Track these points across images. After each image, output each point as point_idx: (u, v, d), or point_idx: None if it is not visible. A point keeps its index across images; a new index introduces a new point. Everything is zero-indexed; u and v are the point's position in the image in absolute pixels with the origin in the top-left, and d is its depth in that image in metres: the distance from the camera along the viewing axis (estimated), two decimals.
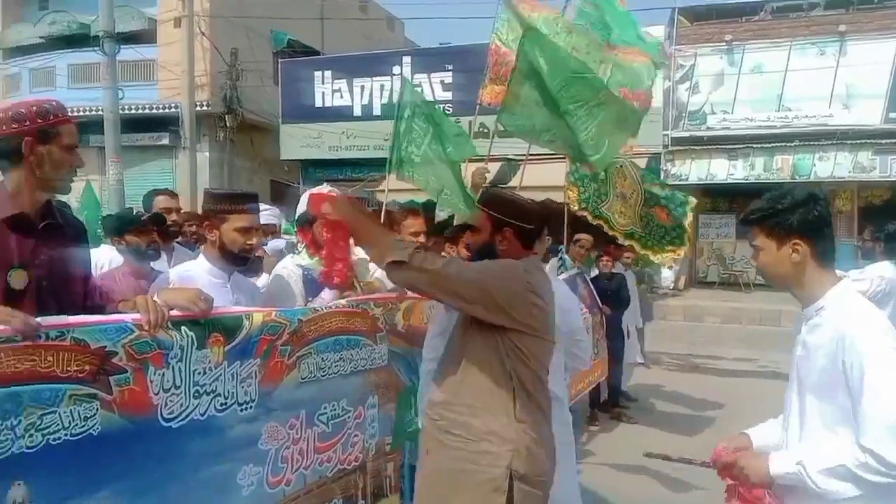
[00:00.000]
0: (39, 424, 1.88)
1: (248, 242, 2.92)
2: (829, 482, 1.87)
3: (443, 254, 4.49)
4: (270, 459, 2.58)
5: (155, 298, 2.21)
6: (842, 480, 1.85)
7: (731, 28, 15.48)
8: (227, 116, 18.14)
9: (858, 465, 1.82)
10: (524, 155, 7.70)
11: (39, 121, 2.17)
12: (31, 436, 1.86)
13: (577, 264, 6.55)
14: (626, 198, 6.07)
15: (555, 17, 5.42)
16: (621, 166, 6.12)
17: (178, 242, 4.75)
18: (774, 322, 13.38)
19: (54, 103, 2.25)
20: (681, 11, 15.87)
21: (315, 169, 18.42)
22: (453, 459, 2.46)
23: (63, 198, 2.70)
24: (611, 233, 6.21)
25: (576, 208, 6.24)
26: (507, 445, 2.39)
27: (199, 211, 3.88)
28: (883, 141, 13.79)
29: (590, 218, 6.21)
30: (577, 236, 6.72)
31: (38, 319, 1.89)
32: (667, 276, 14.86)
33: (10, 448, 1.82)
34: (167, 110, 17.90)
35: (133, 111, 16.43)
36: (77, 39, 18.34)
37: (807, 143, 14.27)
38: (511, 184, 13.56)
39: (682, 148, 15.17)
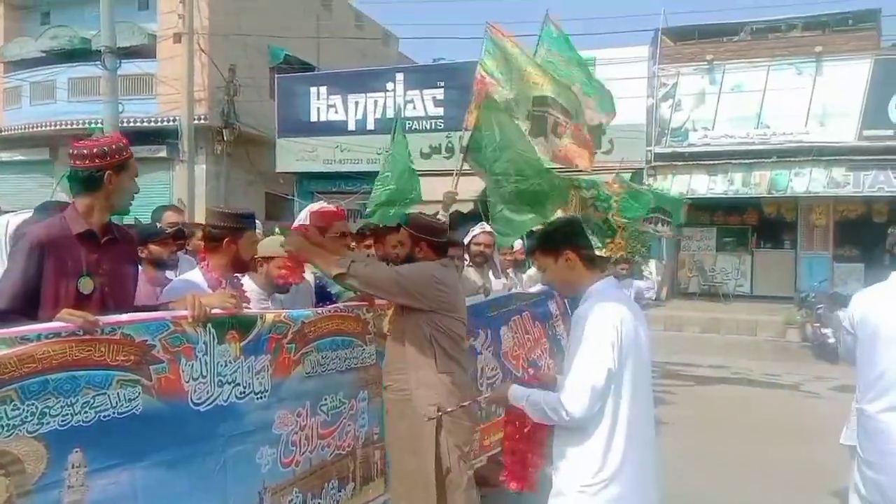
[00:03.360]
0: (93, 403, 2.31)
1: (255, 254, 3.42)
2: (534, 411, 2.63)
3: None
4: (282, 442, 3.04)
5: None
6: (540, 412, 2.60)
7: (713, 48, 16.03)
8: (224, 130, 18.59)
9: (552, 408, 2.54)
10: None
11: (117, 157, 2.68)
12: (85, 412, 2.29)
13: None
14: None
15: (528, 57, 5.91)
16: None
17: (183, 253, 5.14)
18: (751, 332, 13.90)
19: (125, 141, 2.76)
20: (664, 32, 16.41)
21: (309, 181, 18.87)
22: (399, 403, 3.52)
23: None
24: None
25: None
26: (433, 390, 3.46)
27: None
28: (856, 157, 14.30)
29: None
30: (474, 235, 6.91)
31: (97, 318, 2.35)
32: (647, 286, 15.31)
33: (69, 421, 2.25)
34: (166, 123, 18.33)
35: (132, 124, 16.85)
36: (78, 54, 18.76)
37: (784, 159, 14.79)
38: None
39: (664, 163, 15.69)
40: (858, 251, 15.90)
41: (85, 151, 2.65)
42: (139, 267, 3.10)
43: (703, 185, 15.34)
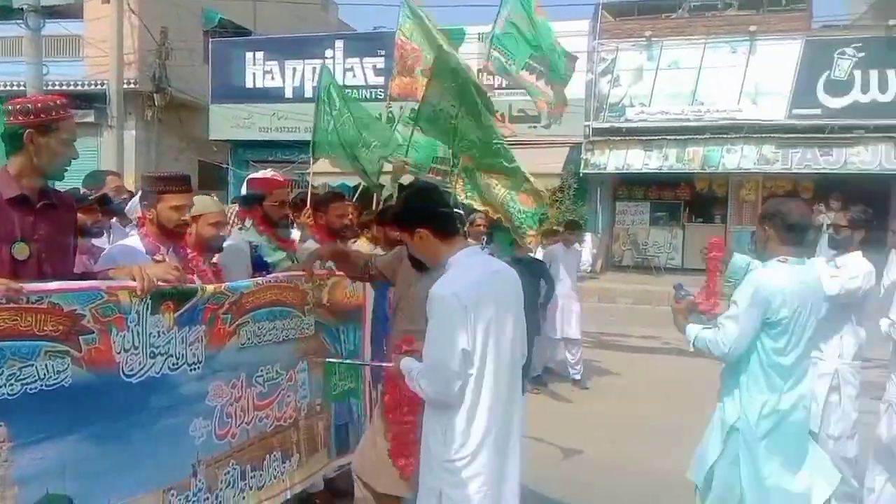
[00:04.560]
0: (19, 375, 2.21)
1: (183, 218, 3.23)
2: (411, 383, 2.66)
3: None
4: (217, 414, 2.98)
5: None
6: (414, 387, 2.65)
7: (651, 25, 16.27)
8: (155, 95, 17.99)
9: (416, 383, 2.61)
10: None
11: (43, 115, 2.54)
12: (11, 385, 2.19)
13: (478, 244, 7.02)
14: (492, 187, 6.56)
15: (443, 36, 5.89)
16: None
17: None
18: None
19: (59, 101, 2.61)
20: (604, 7, 16.56)
21: (245, 150, 18.46)
22: None
23: None
24: (495, 216, 6.58)
25: (462, 197, 6.67)
26: None
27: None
28: (785, 135, 14.82)
29: (477, 204, 6.62)
30: (471, 216, 7.00)
31: (21, 285, 2.24)
32: (585, 260, 15.61)
33: None
34: (93, 87, 17.61)
35: (58, 87, 16.10)
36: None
37: (716, 136, 15.20)
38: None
39: (601, 138, 15.92)
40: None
41: (10, 107, 2.53)
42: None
43: (639, 160, 15.65)
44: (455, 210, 4.01)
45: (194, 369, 2.84)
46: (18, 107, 2.53)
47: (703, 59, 15.37)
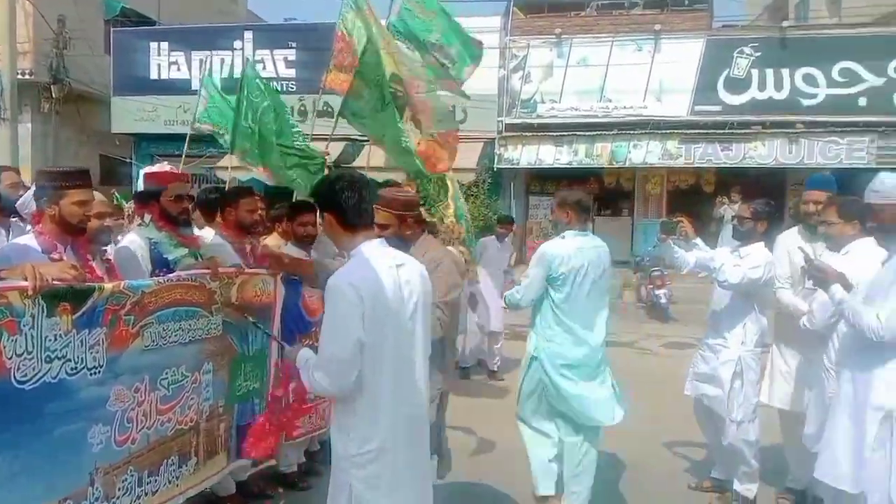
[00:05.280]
0: None
1: (87, 213, 3.11)
2: (305, 375, 2.63)
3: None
4: (117, 420, 2.88)
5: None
6: (308, 375, 2.61)
7: (561, 22, 16.57)
8: (52, 87, 17.07)
9: (309, 375, 2.59)
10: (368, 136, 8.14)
11: None
12: None
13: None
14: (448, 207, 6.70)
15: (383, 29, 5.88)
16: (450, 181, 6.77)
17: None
18: None
19: None
20: (515, 3, 16.76)
21: (149, 143, 17.80)
22: None
23: None
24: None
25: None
26: (440, 377, 3.50)
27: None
28: (688, 131, 15.36)
29: (425, 214, 6.75)
30: None
31: None
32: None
33: None
34: None
35: None
36: None
37: (623, 132, 15.61)
38: (357, 163, 13.90)
39: (514, 134, 16.12)
40: (689, 218, 17.14)
41: None
42: None
43: (550, 155, 15.95)
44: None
45: (94, 374, 2.73)
46: None
47: (610, 57, 15.74)
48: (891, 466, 3.19)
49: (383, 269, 2.60)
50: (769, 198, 5.86)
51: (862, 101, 14.55)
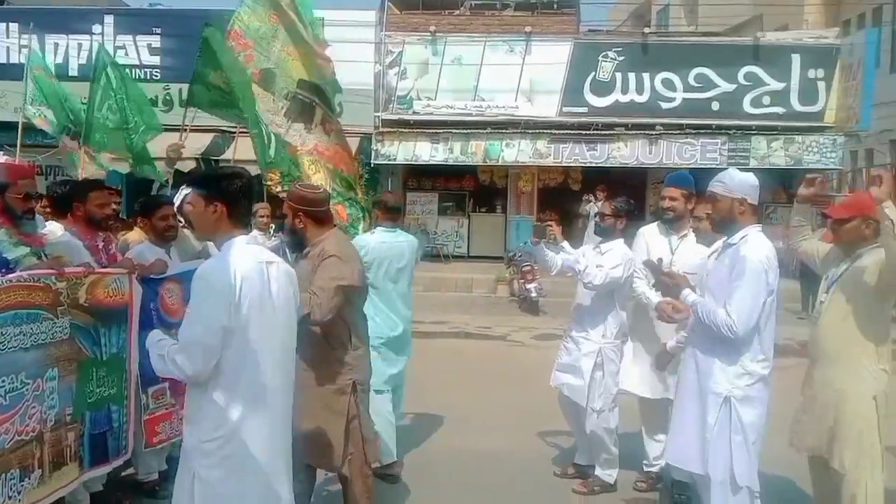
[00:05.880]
0: None
1: None
2: (161, 363, 2.67)
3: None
4: None
5: None
6: (160, 365, 2.68)
7: (435, 20, 16.66)
8: None
9: (170, 359, 2.60)
10: (236, 127, 7.89)
11: None
12: None
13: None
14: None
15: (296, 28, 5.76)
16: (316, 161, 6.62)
17: None
18: (468, 289, 14.98)
19: None
20: None
21: None
22: (318, 379, 3.64)
23: None
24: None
25: (278, 189, 6.63)
26: (348, 365, 3.69)
27: None
28: (557, 131, 15.86)
29: (338, 209, 6.64)
30: (255, 207, 7.00)
31: None
32: None
33: None
34: None
35: None
36: None
37: (497, 130, 15.94)
38: (225, 156, 13.44)
39: (391, 130, 16.10)
40: (557, 214, 17.80)
41: None
42: None
43: (427, 151, 16.04)
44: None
45: None
46: None
47: (483, 57, 16.01)
48: (731, 448, 3.44)
49: (252, 263, 2.66)
50: (631, 195, 6.23)
51: (715, 106, 15.57)
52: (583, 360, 4.77)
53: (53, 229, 4.23)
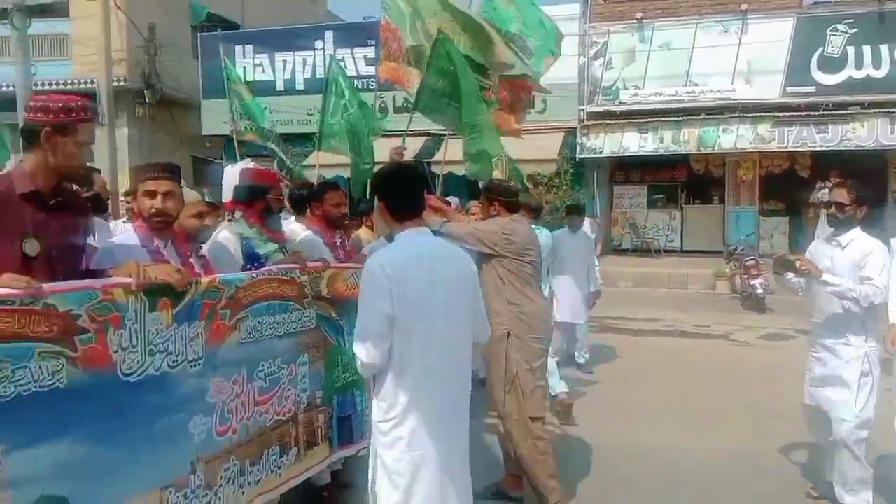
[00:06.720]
0: (12, 377, 2.15)
1: (155, 206, 3.03)
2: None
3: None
4: (218, 411, 2.92)
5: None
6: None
7: (642, 6, 16.11)
8: (145, 92, 17.82)
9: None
10: (446, 131, 8.15)
11: (62, 115, 2.51)
12: (4, 387, 2.12)
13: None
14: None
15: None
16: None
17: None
18: (682, 285, 14.30)
19: (80, 103, 2.57)
20: None
21: (238, 144, 18.31)
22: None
23: None
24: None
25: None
26: (504, 317, 4.13)
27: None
28: (781, 114, 14.71)
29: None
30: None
31: (41, 285, 2.23)
32: None
33: None
34: (83, 86, 17.40)
35: (47, 87, 15.97)
36: None
37: (712, 116, 15.08)
38: (437, 158, 13.94)
39: (596, 122, 15.80)
40: (783, 204, 16.48)
41: (32, 104, 2.52)
42: (91, 233, 2.93)
43: (635, 142, 15.55)
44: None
45: (194, 366, 2.79)
46: (39, 104, 2.52)
47: (695, 39, 15.25)
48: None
49: (414, 254, 2.75)
50: (870, 180, 5.24)
51: None
52: (846, 368, 4.14)
53: (295, 228, 4.58)
